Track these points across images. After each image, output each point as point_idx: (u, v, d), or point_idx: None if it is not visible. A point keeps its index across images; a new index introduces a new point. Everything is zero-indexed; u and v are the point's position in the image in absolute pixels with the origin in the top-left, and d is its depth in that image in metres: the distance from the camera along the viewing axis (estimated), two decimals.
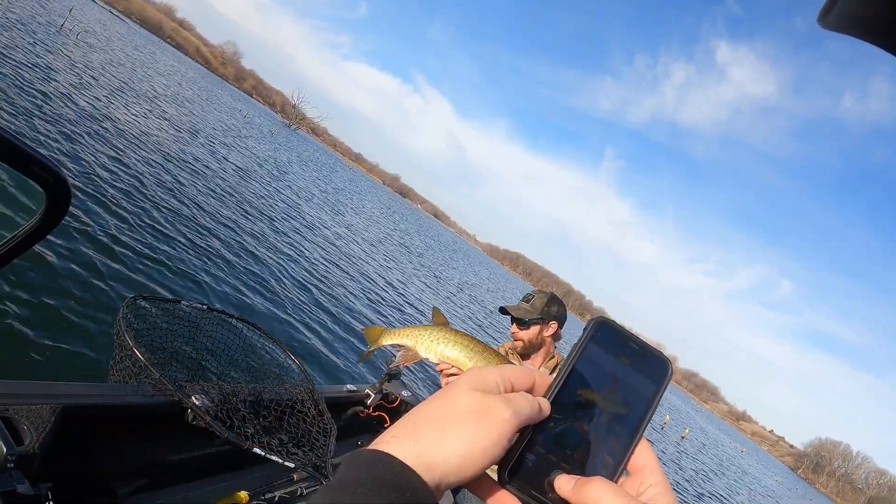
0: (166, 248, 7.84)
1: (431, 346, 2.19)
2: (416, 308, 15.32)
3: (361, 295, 12.60)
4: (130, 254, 6.95)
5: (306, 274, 11.34)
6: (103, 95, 16.10)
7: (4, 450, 1.63)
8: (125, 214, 7.99)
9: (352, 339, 8.94)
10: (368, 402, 3.83)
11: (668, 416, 32.16)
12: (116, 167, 10.09)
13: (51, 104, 11.34)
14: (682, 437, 28.74)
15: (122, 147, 11.80)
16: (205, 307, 2.89)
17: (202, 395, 2.32)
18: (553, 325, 2.93)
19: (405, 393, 4.30)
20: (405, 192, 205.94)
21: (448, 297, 22.10)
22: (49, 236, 1.32)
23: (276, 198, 18.44)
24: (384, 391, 3.96)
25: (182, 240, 8.55)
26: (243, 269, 9.17)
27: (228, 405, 2.43)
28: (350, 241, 18.87)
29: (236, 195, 14.75)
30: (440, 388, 1.87)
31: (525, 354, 2.97)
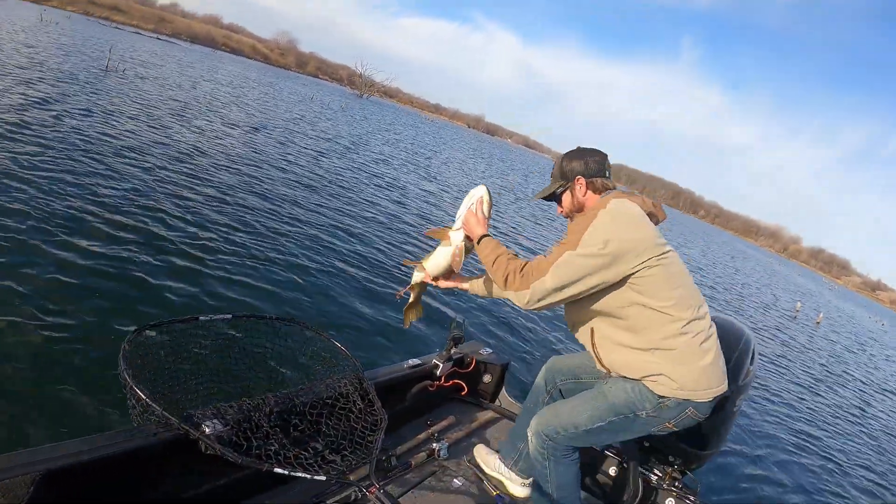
0: (272, 247, 8.19)
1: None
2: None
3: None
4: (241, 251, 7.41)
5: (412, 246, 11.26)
6: (170, 121, 16.55)
7: None
8: (226, 222, 8.57)
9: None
10: (438, 372, 3.56)
11: (799, 304, 29.87)
12: (200, 186, 10.43)
13: (122, 141, 11.71)
14: (797, 312, 26.62)
15: (201, 164, 12.18)
16: (229, 316, 2.71)
17: (214, 421, 2.17)
18: (579, 181, 2.51)
19: (485, 351, 4.04)
20: (492, 130, 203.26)
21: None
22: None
23: (364, 171, 18.61)
24: (454, 356, 3.67)
25: (283, 238, 8.87)
26: (351, 251, 9.31)
27: (248, 423, 2.27)
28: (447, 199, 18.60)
29: (324, 180, 14.92)
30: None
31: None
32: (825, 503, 6.77)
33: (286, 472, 2.01)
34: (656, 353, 2.30)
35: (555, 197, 2.62)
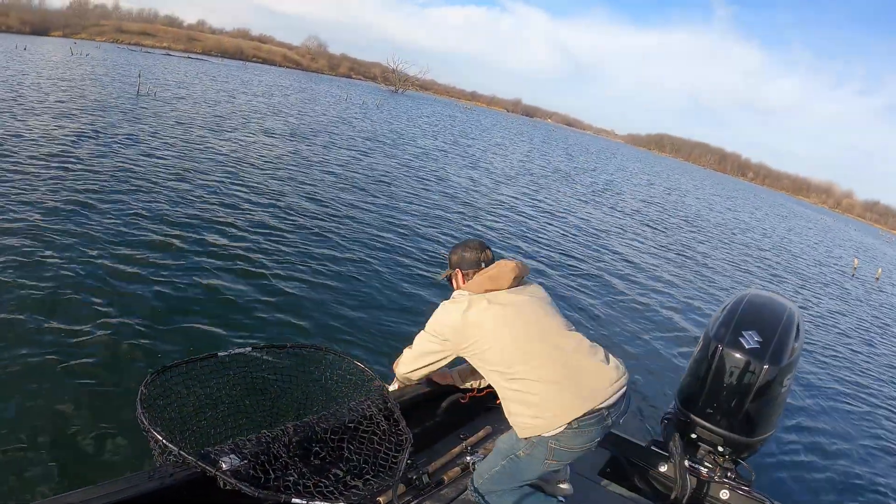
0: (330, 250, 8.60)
1: None
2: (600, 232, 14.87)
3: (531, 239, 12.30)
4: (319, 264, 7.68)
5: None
6: (210, 137, 16.96)
7: None
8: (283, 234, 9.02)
9: None
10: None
11: (856, 260, 28.61)
12: (246, 198, 10.83)
13: (162, 162, 12.00)
14: (854, 269, 25.55)
15: (246, 177, 12.61)
16: (248, 349, 2.70)
17: (232, 456, 2.17)
18: (456, 273, 2.95)
19: None
20: (531, 112, 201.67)
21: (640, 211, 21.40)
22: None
23: (408, 167, 19.00)
24: None
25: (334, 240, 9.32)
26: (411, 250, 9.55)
27: (266, 455, 2.26)
28: (492, 188, 18.53)
29: (369, 179, 15.34)
30: None
31: None
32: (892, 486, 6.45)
33: (305, 503, 2.01)
34: (506, 400, 2.57)
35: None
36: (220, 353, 2.60)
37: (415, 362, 2.86)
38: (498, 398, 3.59)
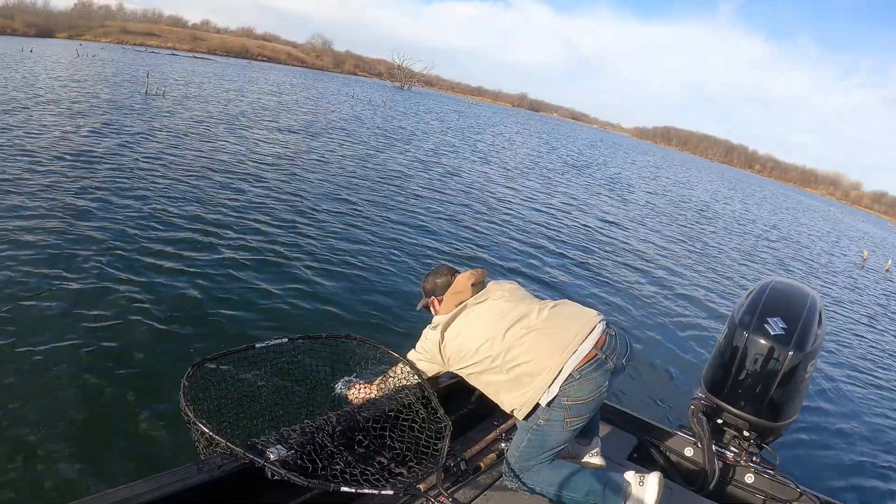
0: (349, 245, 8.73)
1: None
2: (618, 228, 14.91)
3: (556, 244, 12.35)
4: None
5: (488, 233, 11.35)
6: (226, 134, 17.15)
7: None
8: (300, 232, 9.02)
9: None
10: None
11: (865, 252, 28.44)
12: (271, 193, 11.03)
13: (170, 160, 12.04)
14: (864, 261, 25.32)
15: (268, 173, 12.79)
16: (285, 340, 2.73)
17: (278, 446, 2.19)
18: (432, 300, 3.05)
19: None
20: (537, 107, 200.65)
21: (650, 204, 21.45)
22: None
23: (424, 163, 19.04)
24: None
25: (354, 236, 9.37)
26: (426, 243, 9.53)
27: (312, 445, 2.29)
28: (500, 185, 18.57)
29: (379, 175, 15.37)
30: None
31: None
32: None
33: (354, 491, 2.03)
34: (506, 393, 2.66)
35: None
36: (257, 345, 2.61)
37: (415, 360, 2.95)
38: None
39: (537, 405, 2.54)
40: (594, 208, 18.58)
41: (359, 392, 2.88)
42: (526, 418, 2.61)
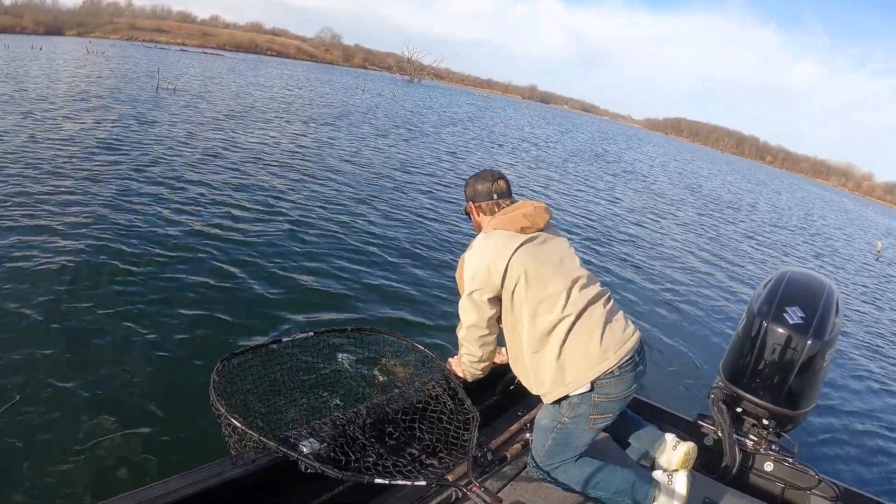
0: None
1: None
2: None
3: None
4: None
5: None
6: (244, 128, 17.40)
7: None
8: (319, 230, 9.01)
9: None
10: None
11: (879, 243, 28.00)
12: (297, 186, 11.29)
13: (196, 151, 12.10)
14: (878, 252, 24.96)
15: (292, 166, 13.09)
16: (311, 334, 2.77)
17: (311, 439, 2.23)
18: (470, 206, 2.84)
19: None
20: (547, 99, 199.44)
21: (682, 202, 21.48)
22: None
23: (432, 155, 19.12)
24: None
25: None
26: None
27: (344, 438, 2.33)
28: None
29: (393, 167, 15.50)
30: None
31: None
32: None
33: (387, 482, 2.04)
34: (534, 363, 2.53)
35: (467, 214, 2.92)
36: (283, 339, 2.66)
37: (471, 334, 2.65)
38: None
39: (567, 396, 2.48)
40: (613, 197, 18.77)
41: (458, 367, 2.89)
42: (553, 405, 2.54)
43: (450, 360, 2.99)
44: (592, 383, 2.44)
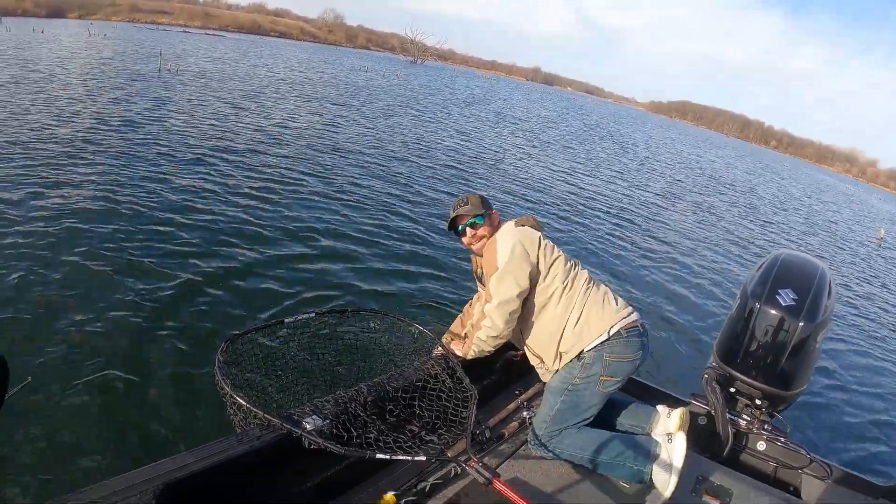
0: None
1: None
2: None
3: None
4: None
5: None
6: (250, 109, 17.54)
7: None
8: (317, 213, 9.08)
9: None
10: None
11: (882, 230, 27.74)
12: (299, 168, 11.46)
13: (198, 137, 12.21)
14: (880, 239, 24.77)
15: (296, 147, 13.34)
16: (312, 314, 2.86)
17: (314, 417, 2.31)
18: (493, 213, 3.19)
19: None
20: (550, 80, 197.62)
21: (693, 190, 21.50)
22: None
23: (451, 137, 19.54)
24: None
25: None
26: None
27: (346, 415, 2.40)
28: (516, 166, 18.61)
29: (414, 151, 15.74)
30: None
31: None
32: None
33: (388, 457, 2.11)
34: (548, 329, 2.90)
35: (475, 225, 3.10)
36: (286, 320, 2.74)
37: (503, 308, 2.80)
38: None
39: (581, 354, 2.79)
40: (611, 179, 18.87)
41: (458, 347, 3.09)
42: (566, 368, 2.84)
43: (446, 340, 3.18)
44: (609, 333, 2.78)
